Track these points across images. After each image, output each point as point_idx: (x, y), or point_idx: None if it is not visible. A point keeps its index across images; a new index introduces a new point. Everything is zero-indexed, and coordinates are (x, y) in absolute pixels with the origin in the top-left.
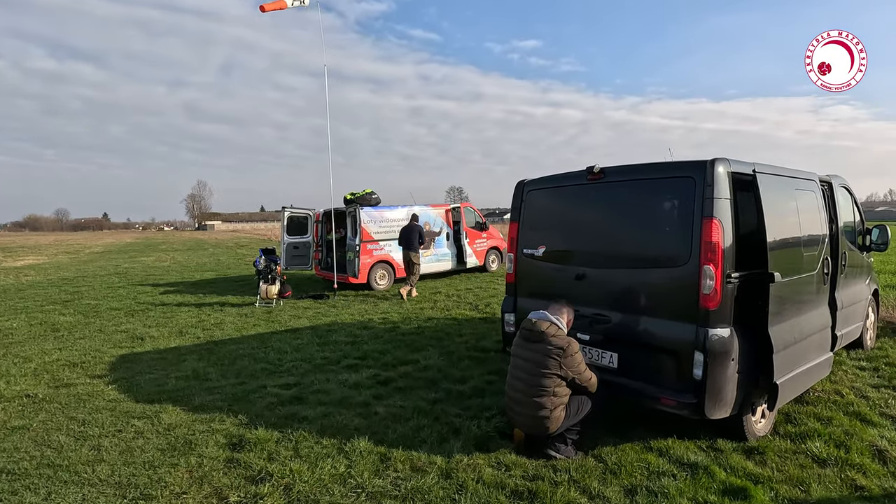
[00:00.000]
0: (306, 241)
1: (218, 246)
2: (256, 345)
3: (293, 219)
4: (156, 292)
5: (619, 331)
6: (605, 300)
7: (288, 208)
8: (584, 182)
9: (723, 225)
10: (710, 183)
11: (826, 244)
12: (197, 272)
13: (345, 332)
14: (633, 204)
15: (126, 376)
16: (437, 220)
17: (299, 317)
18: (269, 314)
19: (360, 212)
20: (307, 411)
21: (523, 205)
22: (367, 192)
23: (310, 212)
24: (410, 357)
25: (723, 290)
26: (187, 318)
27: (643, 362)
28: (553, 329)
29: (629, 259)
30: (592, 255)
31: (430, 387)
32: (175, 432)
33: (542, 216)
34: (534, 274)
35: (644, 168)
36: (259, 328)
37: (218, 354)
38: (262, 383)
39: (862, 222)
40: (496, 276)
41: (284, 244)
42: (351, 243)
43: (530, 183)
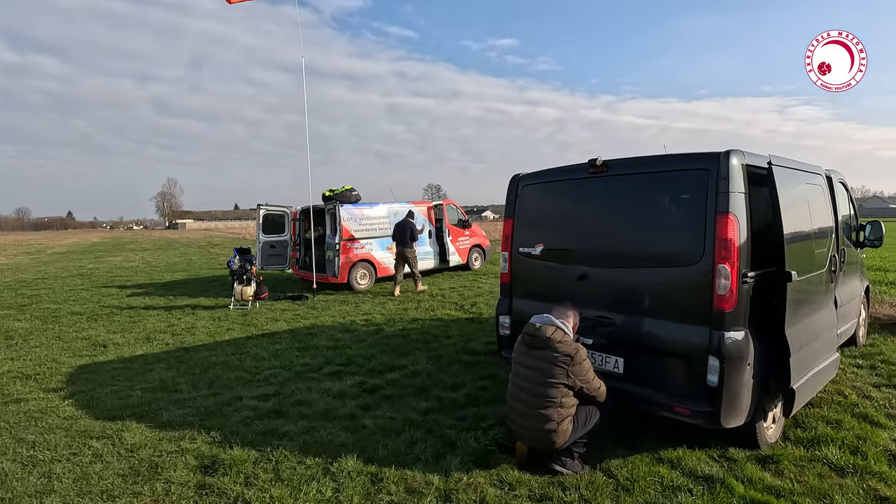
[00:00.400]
0: (283, 240)
1: (189, 245)
2: (231, 351)
3: (269, 216)
4: (122, 295)
5: (625, 334)
6: (609, 301)
7: (263, 205)
8: (586, 176)
9: (738, 221)
10: (725, 176)
11: (833, 240)
12: (167, 273)
13: (326, 335)
14: (639, 199)
15: (85, 389)
16: (418, 217)
17: (277, 319)
18: (245, 317)
19: (339, 209)
20: (288, 426)
21: (518, 200)
22: (346, 188)
23: (286, 209)
24: (397, 362)
25: (739, 291)
26: (155, 322)
27: (651, 368)
28: (559, 334)
29: (635, 258)
30: (595, 254)
31: (420, 395)
32: (139, 454)
33: (540, 212)
34: (530, 274)
35: (651, 161)
36: (234, 332)
37: (189, 362)
38: (238, 394)
39: (856, 218)
40: (479, 275)
41: (260, 243)
42: (330, 242)
43: (526, 177)
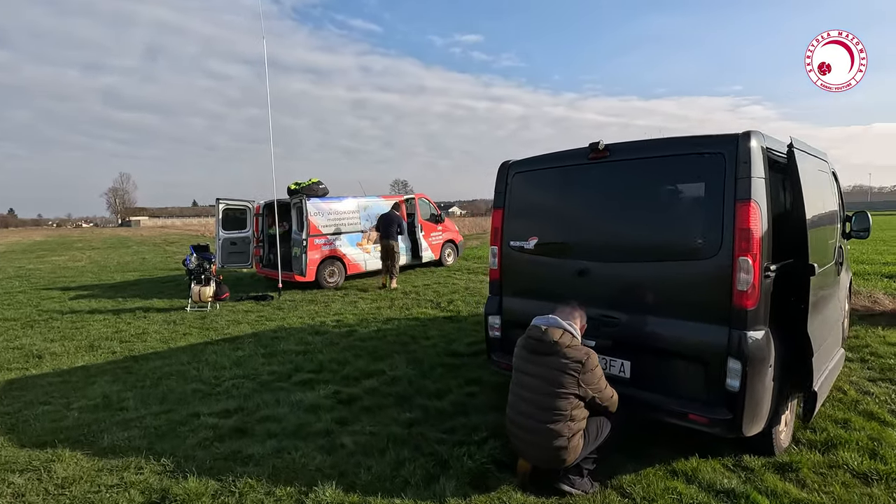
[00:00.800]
0: (245, 236)
1: (143, 243)
2: (187, 359)
3: (230, 212)
4: (64, 297)
5: (632, 335)
6: (614, 299)
7: (223, 199)
8: (585, 162)
9: (760, 209)
10: (746, 160)
11: (838, 230)
12: (117, 273)
13: (294, 338)
14: (646, 186)
15: (11, 410)
16: None
17: (239, 322)
18: (203, 320)
19: (306, 203)
20: (254, 447)
21: (508, 189)
22: (313, 181)
23: (249, 204)
24: (374, 367)
25: (761, 286)
26: (101, 327)
27: (662, 371)
28: (567, 338)
29: (642, 251)
30: (597, 248)
31: (402, 404)
32: (71, 491)
33: (533, 203)
34: (523, 270)
35: (660, 144)
36: (191, 338)
37: (138, 374)
38: (195, 410)
39: (843, 208)
40: (453, 271)
41: (220, 240)
42: (297, 238)
43: (517, 164)
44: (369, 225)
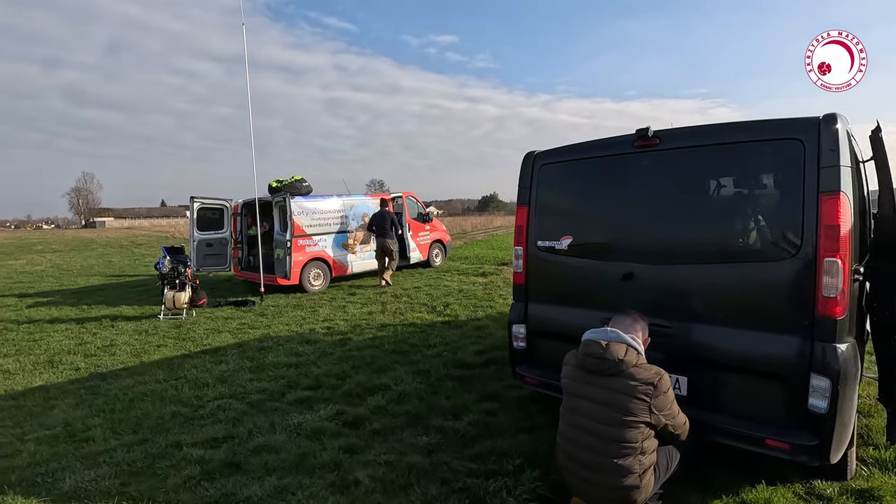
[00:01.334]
0: (222, 237)
1: (109, 245)
2: (163, 376)
3: (205, 211)
4: (21, 305)
5: (688, 347)
6: (667, 307)
7: (198, 198)
8: (630, 151)
9: (849, 202)
10: (833, 146)
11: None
12: (81, 277)
13: (283, 349)
14: (705, 178)
15: None
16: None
17: (219, 331)
18: (179, 329)
19: (290, 202)
20: (250, 487)
21: (535, 183)
22: (296, 178)
23: (226, 202)
24: (377, 381)
25: (850, 291)
26: (63, 339)
27: (726, 388)
28: (633, 355)
29: (701, 252)
30: (644, 248)
31: (416, 425)
32: None
33: (566, 198)
34: (554, 273)
35: (721, 130)
36: (166, 350)
37: (106, 395)
38: (176, 440)
39: None
40: (442, 272)
41: (195, 241)
42: (280, 239)
43: (545, 155)
44: (355, 225)
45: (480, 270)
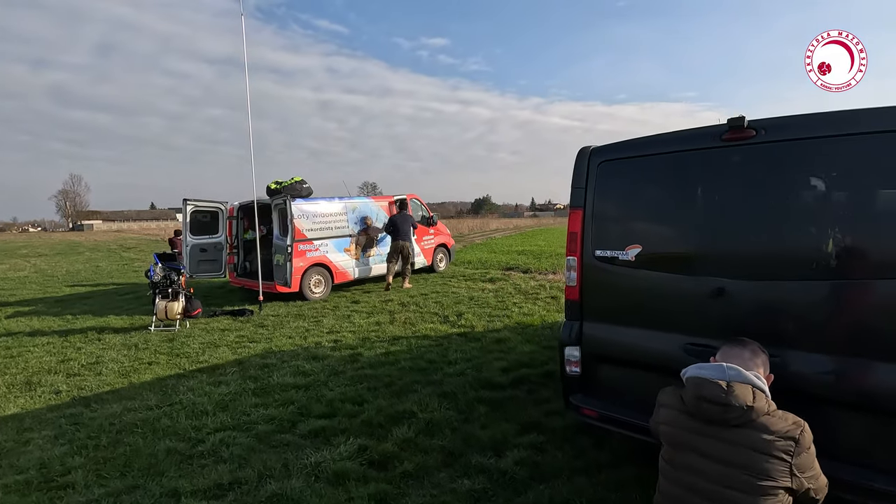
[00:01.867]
0: (217, 242)
1: (97, 249)
2: (156, 400)
3: (199, 214)
4: (0, 316)
5: (808, 383)
6: (773, 331)
7: (191, 200)
8: (718, 145)
9: None
10: None
11: None
12: (66, 284)
13: (289, 367)
14: (821, 176)
15: None
16: (379, 214)
17: (216, 345)
18: (172, 343)
19: (290, 204)
20: None
21: (593, 183)
22: (295, 180)
23: (221, 205)
24: (400, 407)
25: None
26: (43, 355)
27: (864, 437)
28: (762, 401)
29: (820, 265)
30: (740, 259)
31: (453, 464)
32: None
33: (632, 200)
34: (618, 288)
35: (840, 119)
36: (158, 368)
37: (90, 426)
38: (173, 486)
39: None
40: (447, 278)
41: (188, 246)
42: (280, 244)
43: (604, 151)
44: (358, 228)
45: (488, 276)
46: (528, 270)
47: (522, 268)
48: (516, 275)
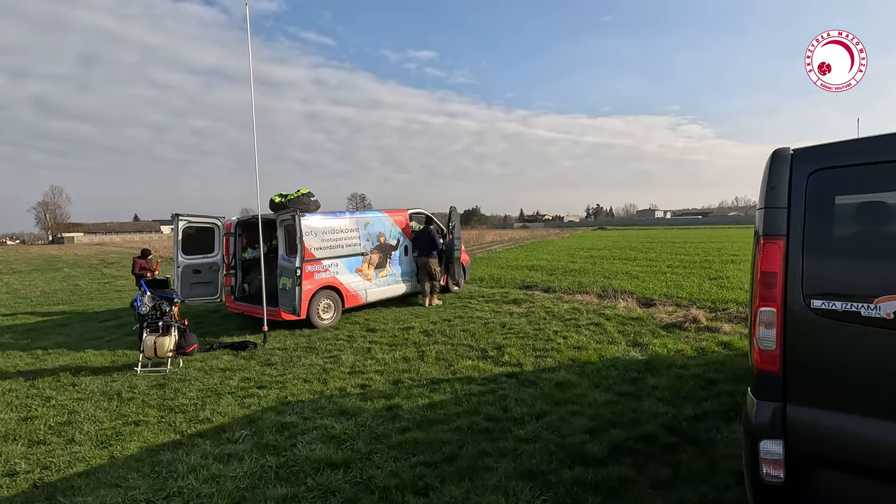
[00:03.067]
0: (213, 262)
1: (77, 265)
2: (146, 488)
3: (192, 231)
4: None
5: None
6: None
7: (184, 216)
8: None
9: None
10: None
11: None
12: (40, 306)
13: (315, 429)
14: None
15: None
16: (393, 230)
17: (218, 393)
18: (163, 390)
19: (300, 221)
20: None
21: (801, 200)
22: (302, 192)
23: (217, 221)
24: (482, 500)
25: None
26: (2, 410)
27: None
28: None
29: None
30: None
31: None
32: None
33: (880, 226)
34: (857, 357)
35: None
36: (147, 431)
37: None
38: None
39: None
40: (465, 299)
41: (179, 267)
42: (286, 265)
43: (820, 154)
44: (370, 246)
45: (510, 297)
46: (549, 289)
47: (542, 286)
48: (539, 295)
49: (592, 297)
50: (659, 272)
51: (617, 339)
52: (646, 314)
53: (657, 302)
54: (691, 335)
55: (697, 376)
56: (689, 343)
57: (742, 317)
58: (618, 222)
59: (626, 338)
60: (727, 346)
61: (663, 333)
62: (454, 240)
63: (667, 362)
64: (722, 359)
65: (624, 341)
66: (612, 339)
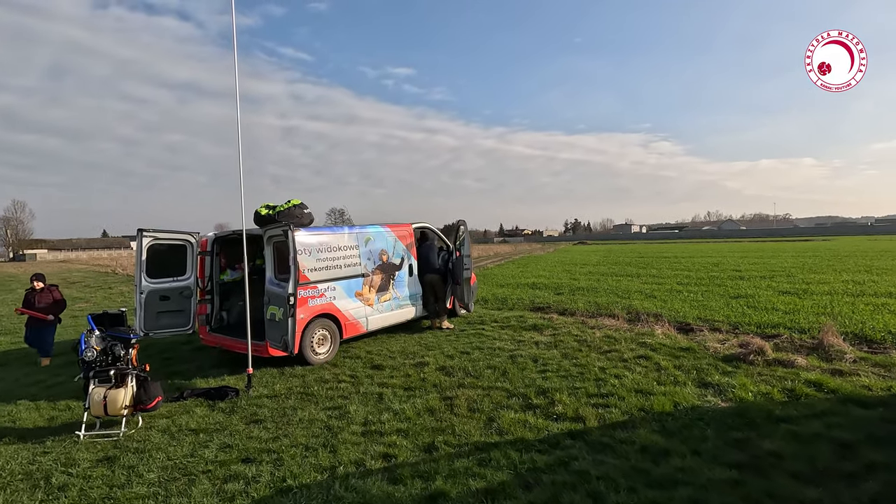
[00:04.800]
0: (184, 286)
1: None
2: None
3: (160, 249)
4: None
5: None
6: None
7: (149, 232)
8: None
9: None
10: None
11: None
12: None
13: None
14: None
15: None
16: (396, 246)
17: (189, 473)
18: (112, 470)
19: (294, 237)
20: None
21: None
22: (293, 203)
23: (191, 237)
24: None
25: None
26: None
27: None
28: None
29: None
30: None
31: None
32: None
33: None
34: None
35: None
36: None
37: None
38: None
39: None
40: (476, 324)
41: (143, 293)
42: (276, 291)
43: None
44: (372, 266)
45: (527, 321)
46: (566, 311)
47: (555, 307)
48: (559, 319)
49: (621, 321)
50: (672, 290)
51: (680, 379)
52: (694, 343)
53: (695, 327)
54: (763, 371)
55: (819, 436)
56: (767, 382)
57: (808, 346)
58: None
59: (689, 376)
60: (819, 387)
61: (729, 369)
62: (463, 257)
63: (763, 413)
64: (829, 407)
65: (689, 381)
66: (674, 378)
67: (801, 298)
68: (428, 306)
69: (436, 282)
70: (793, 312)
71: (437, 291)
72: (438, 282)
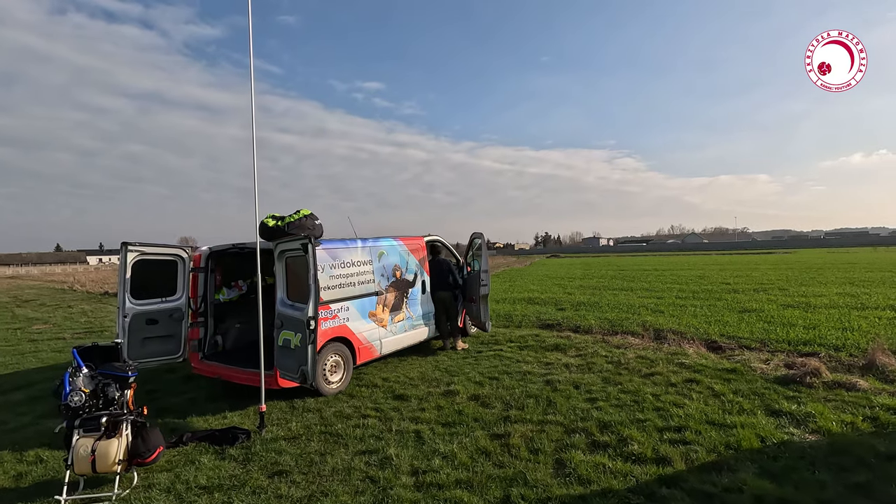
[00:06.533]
0: (174, 308)
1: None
2: None
3: (147, 266)
4: None
5: None
6: None
7: (135, 246)
8: None
9: None
10: None
11: None
12: None
13: None
14: None
15: None
16: (409, 261)
17: None
18: None
19: (314, 252)
20: None
21: None
22: (304, 213)
23: (182, 252)
24: None
25: None
26: None
27: None
28: None
29: None
30: None
31: None
32: None
33: None
34: None
35: None
36: None
37: None
38: None
39: None
40: (491, 344)
41: (127, 316)
42: (291, 314)
43: None
44: (385, 283)
45: (545, 341)
46: (580, 329)
47: (567, 325)
48: (576, 337)
49: (646, 340)
50: (676, 304)
51: (745, 406)
52: (737, 364)
53: (723, 345)
54: (829, 395)
55: None
56: (840, 409)
57: (857, 366)
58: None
59: (752, 402)
60: None
61: (790, 393)
62: (480, 273)
63: (865, 448)
64: None
65: (757, 409)
66: (739, 406)
67: (808, 312)
68: (440, 326)
69: (448, 299)
70: (813, 328)
71: (448, 310)
72: (450, 299)
